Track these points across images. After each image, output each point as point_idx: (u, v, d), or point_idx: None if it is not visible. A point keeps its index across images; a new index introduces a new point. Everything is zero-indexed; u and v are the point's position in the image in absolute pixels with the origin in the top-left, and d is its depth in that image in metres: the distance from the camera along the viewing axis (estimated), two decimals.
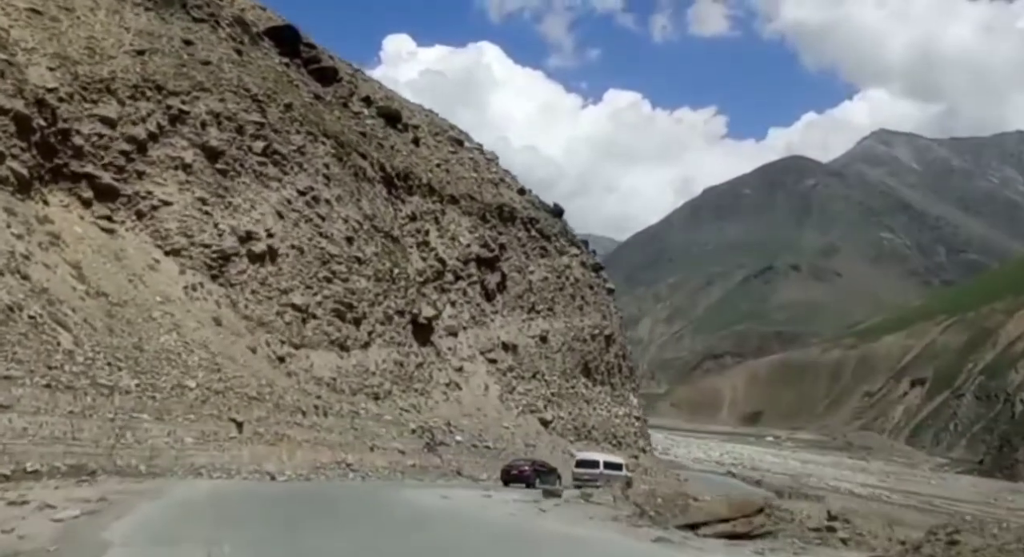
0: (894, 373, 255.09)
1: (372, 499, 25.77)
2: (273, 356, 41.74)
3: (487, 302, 55.63)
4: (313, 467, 34.89)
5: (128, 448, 28.14)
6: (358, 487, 31.69)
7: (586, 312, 62.42)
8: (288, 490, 27.52)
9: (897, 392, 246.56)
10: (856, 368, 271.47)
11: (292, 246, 45.11)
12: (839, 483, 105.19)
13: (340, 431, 38.64)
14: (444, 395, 48.91)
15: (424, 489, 32.47)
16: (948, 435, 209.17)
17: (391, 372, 46.77)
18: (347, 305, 46.03)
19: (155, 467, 28.24)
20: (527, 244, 59.98)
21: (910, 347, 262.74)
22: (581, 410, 58.16)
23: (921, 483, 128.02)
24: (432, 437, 43.77)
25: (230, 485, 26.99)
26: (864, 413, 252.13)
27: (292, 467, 33.82)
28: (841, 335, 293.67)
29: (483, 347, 53.66)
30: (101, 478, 24.97)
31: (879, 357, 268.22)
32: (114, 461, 26.86)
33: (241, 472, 31.11)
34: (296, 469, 33.72)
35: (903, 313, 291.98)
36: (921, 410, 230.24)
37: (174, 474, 28.26)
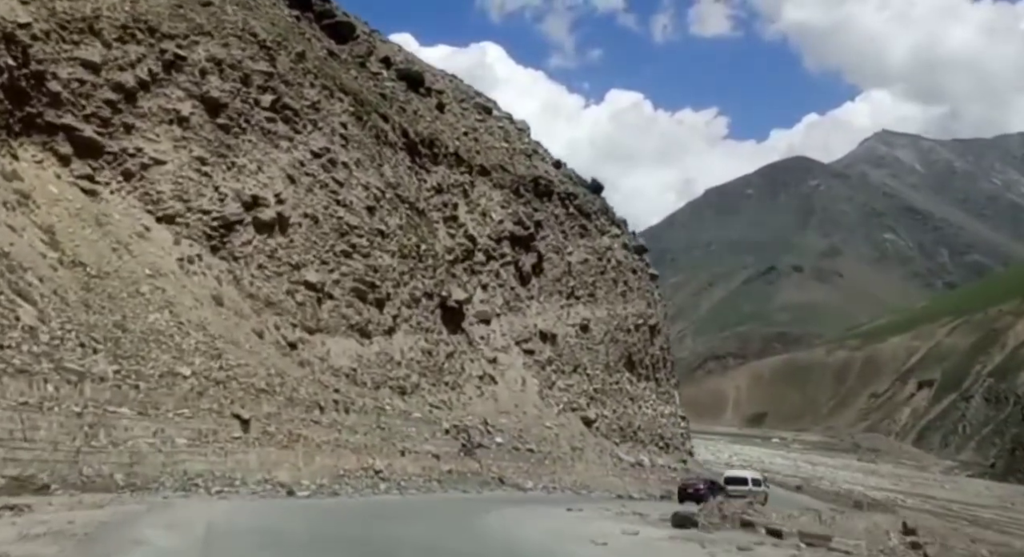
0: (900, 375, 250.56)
1: (463, 536, 17.77)
2: (283, 342, 34.83)
3: (522, 286, 48.74)
4: (335, 475, 27.98)
5: (100, 452, 21.21)
6: (409, 506, 24.38)
7: (629, 299, 55.51)
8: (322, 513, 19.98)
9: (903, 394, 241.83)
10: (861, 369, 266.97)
11: (305, 215, 38.17)
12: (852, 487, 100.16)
13: (365, 431, 31.74)
14: (478, 390, 41.99)
15: (508, 508, 25.00)
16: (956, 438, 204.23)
17: (418, 362, 39.85)
18: (368, 284, 39.09)
19: (135, 477, 21.30)
20: (565, 222, 53.04)
21: (916, 349, 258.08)
22: (626, 408, 51.30)
23: (934, 487, 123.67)
24: (469, 438, 36.89)
25: (239, 507, 19.67)
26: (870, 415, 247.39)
27: (310, 475, 26.88)
28: (846, 336, 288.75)
29: (518, 336, 46.75)
30: (56, 495, 17.98)
31: (885, 359, 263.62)
32: (79, 470, 19.92)
33: (247, 482, 24.17)
34: (315, 478, 26.80)
35: (908, 314, 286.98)
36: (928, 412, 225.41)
37: (160, 486, 21.30)
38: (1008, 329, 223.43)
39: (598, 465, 43.05)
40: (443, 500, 23.98)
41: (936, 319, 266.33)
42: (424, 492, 29.07)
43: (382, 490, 27.64)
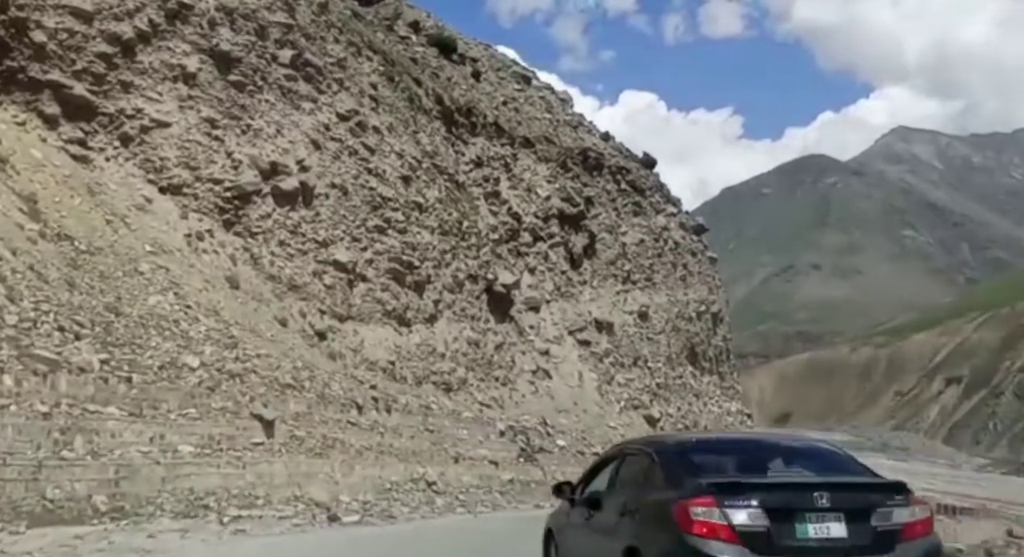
0: (927, 372, 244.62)
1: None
2: (310, 330, 29.30)
3: (573, 270, 42.97)
4: (380, 488, 22.29)
5: (76, 465, 15.58)
6: (505, 536, 17.70)
7: (690, 284, 49.65)
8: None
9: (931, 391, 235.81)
10: (887, 367, 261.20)
11: (332, 184, 32.62)
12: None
13: (411, 434, 26.06)
14: (531, 386, 36.31)
15: None
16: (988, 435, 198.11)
17: (464, 355, 34.21)
18: (406, 265, 33.49)
19: (123, 499, 15.66)
20: (617, 199, 47.22)
21: (942, 345, 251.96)
22: (691, 405, 45.44)
23: (970, 485, 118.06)
24: (528, 441, 31.18)
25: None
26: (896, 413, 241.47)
27: (350, 490, 21.18)
28: (870, 333, 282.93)
29: (572, 325, 41.00)
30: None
31: (910, 356, 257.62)
32: (41, 492, 14.27)
33: (272, 501, 18.47)
34: (357, 493, 21.11)
35: (933, 311, 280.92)
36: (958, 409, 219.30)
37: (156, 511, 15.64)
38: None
39: None
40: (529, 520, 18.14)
41: (962, 315, 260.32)
42: (492, 508, 23.35)
43: (440, 506, 21.91)
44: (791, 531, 6.44)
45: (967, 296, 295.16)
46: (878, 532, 6.58)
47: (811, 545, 6.45)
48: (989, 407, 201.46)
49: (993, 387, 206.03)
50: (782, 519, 6.42)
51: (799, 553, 6.48)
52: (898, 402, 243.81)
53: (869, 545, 6.53)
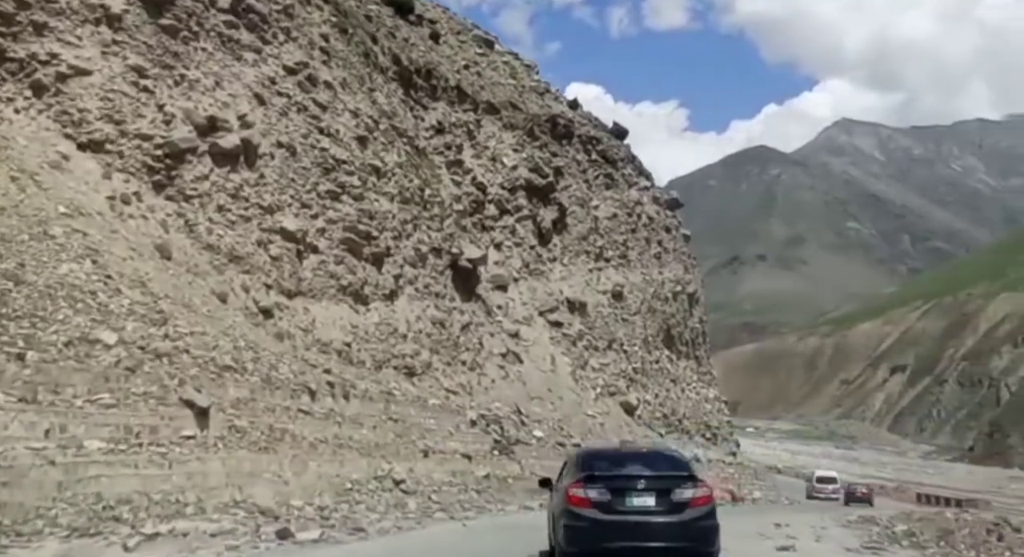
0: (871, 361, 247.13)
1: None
2: (254, 307, 25.28)
3: (542, 245, 39.35)
4: (339, 489, 18.46)
5: None
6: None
7: (665, 262, 46.24)
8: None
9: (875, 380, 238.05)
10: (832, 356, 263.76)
11: (279, 144, 28.57)
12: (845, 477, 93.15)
13: (373, 424, 22.23)
14: (501, 370, 32.64)
15: None
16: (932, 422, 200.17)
17: (429, 336, 30.40)
18: (363, 235, 29.59)
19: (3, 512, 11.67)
20: (588, 171, 43.63)
21: (887, 334, 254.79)
22: (668, 391, 42.10)
23: (919, 472, 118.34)
24: (502, 432, 27.50)
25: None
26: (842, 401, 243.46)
27: (304, 491, 17.31)
28: (815, 324, 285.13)
29: (542, 305, 37.40)
30: None
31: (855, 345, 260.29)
32: None
33: (206, 509, 14.58)
34: (311, 495, 17.26)
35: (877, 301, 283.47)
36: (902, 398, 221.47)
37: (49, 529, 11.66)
38: (979, 312, 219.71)
39: None
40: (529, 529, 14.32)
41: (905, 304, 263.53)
42: (475, 511, 19.61)
43: (414, 511, 18.14)
44: (622, 501, 11.11)
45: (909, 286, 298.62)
46: (673, 502, 11.13)
47: (633, 509, 11.09)
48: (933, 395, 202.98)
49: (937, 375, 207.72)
50: (618, 495, 11.14)
51: (626, 514, 11.06)
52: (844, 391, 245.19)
53: (667, 510, 11.09)
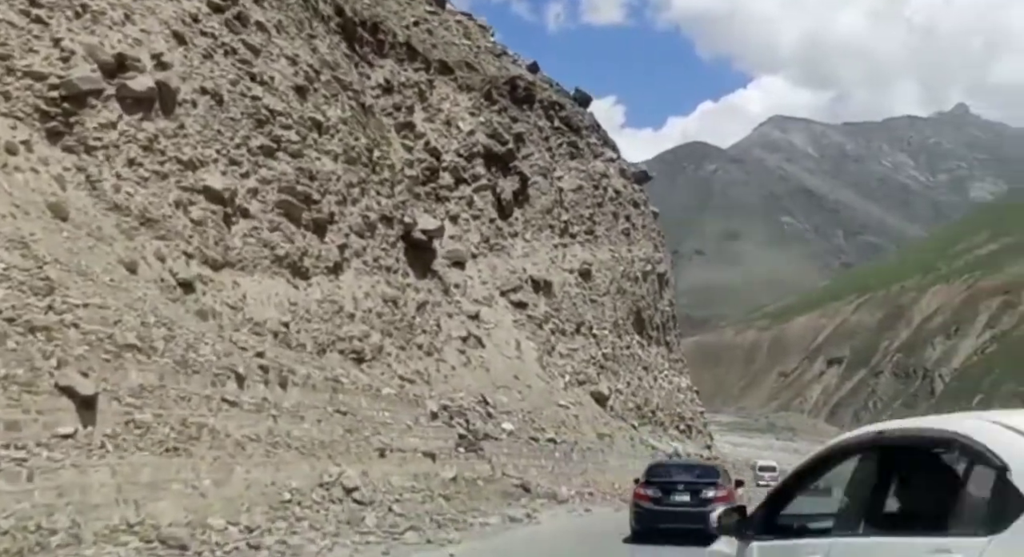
0: (808, 353, 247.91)
1: None
2: (171, 279, 20.75)
3: (502, 219, 35.13)
4: (275, 501, 14.04)
5: None
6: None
7: (634, 239, 42.24)
8: None
9: (812, 372, 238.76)
10: (770, 349, 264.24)
11: (202, 90, 23.98)
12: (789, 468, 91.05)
13: (317, 417, 17.82)
14: (462, 356, 28.40)
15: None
16: (868, 413, 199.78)
17: (380, 316, 26.04)
18: (303, 198, 25.12)
19: None
20: (551, 138, 39.46)
21: (823, 327, 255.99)
22: (641, 380, 38.20)
23: None
24: (468, 426, 23.27)
25: None
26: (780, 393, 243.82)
27: (226, 508, 12.88)
28: (753, 317, 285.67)
29: (504, 284, 33.20)
30: None
31: (793, 338, 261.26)
32: None
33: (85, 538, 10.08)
34: (237, 513, 12.84)
35: (813, 294, 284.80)
36: (839, 389, 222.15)
37: None
38: (913, 305, 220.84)
39: (632, 458, 29.95)
40: None
41: (840, 298, 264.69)
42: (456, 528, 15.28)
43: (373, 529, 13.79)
44: (668, 498, 16.48)
45: (844, 279, 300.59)
46: (702, 499, 16.04)
47: (675, 502, 16.39)
48: (869, 386, 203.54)
49: (872, 367, 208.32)
50: (665, 493, 16.57)
51: (670, 505, 16.34)
52: (781, 383, 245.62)
53: (697, 504, 15.83)
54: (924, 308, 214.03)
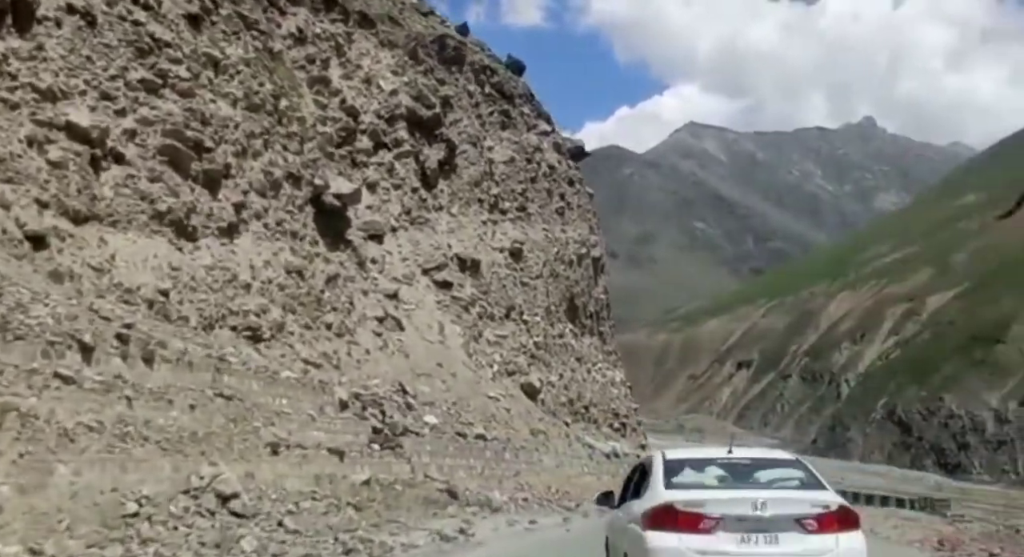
0: (718, 356, 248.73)
1: None
2: (16, 231, 16.43)
3: (427, 189, 31.09)
4: (112, 516, 9.84)
5: None
6: None
7: (568, 220, 38.45)
8: None
9: (722, 374, 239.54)
10: (681, 352, 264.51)
11: (69, 8, 19.63)
12: None
13: (192, 402, 13.63)
14: (377, 338, 24.35)
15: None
16: (775, 416, 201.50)
17: (282, 288, 21.85)
18: (193, 144, 20.80)
19: None
20: (481, 105, 35.52)
21: (733, 331, 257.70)
22: (574, 372, 34.49)
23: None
24: (384, 418, 19.26)
25: None
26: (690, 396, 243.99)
27: (36, 527, 8.65)
28: (664, 320, 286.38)
29: (427, 261, 29.17)
30: None
31: (703, 341, 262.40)
32: None
33: None
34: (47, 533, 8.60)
35: (724, 298, 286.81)
36: (748, 392, 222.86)
37: None
38: (820, 310, 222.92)
39: (570, 457, 26.23)
40: None
41: (750, 302, 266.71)
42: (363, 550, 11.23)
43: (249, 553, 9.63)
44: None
45: (754, 284, 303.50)
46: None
47: None
48: (777, 390, 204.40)
49: (780, 371, 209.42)
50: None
51: None
52: (691, 385, 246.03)
53: None
54: (831, 314, 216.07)
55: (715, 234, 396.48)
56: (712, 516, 6.48)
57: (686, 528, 6.47)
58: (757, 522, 6.47)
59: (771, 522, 6.48)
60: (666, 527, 6.55)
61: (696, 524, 6.46)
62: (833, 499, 6.83)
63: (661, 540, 6.51)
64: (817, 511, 6.62)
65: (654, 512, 6.71)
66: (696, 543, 6.40)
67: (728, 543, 6.43)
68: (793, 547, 6.45)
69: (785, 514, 6.53)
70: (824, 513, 6.62)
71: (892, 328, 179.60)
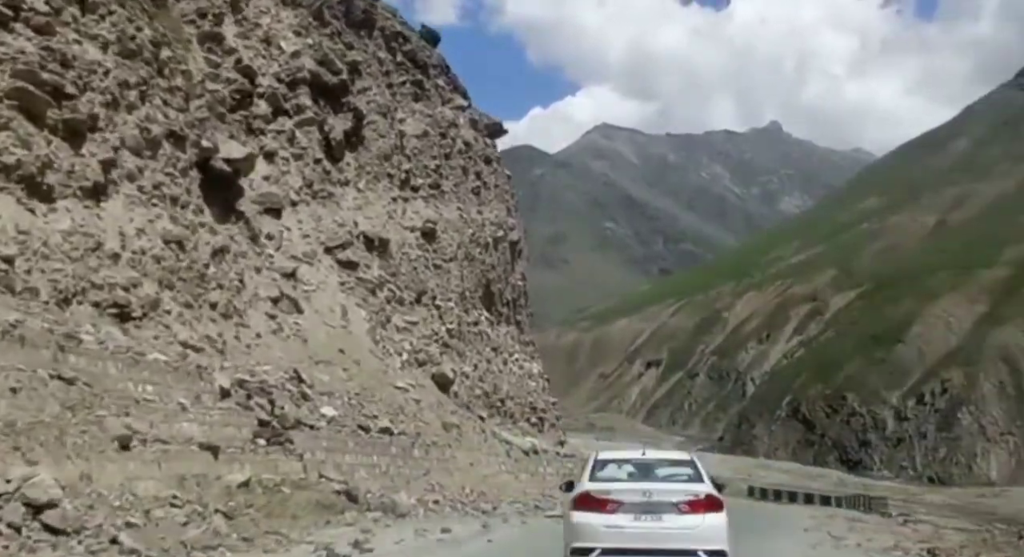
0: (628, 355, 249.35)
1: None
2: None
3: (331, 162, 28.18)
4: None
5: None
6: None
7: (485, 200, 35.73)
8: None
9: (631, 373, 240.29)
10: (591, 351, 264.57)
11: None
12: None
13: (17, 385, 10.66)
14: (271, 321, 21.42)
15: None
16: (683, 414, 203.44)
17: (158, 260, 18.77)
18: (52, 90, 17.60)
19: None
20: (392, 74, 32.66)
21: (642, 330, 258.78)
22: (489, 363, 31.88)
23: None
24: (272, 409, 16.41)
25: None
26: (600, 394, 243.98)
27: None
28: (576, 319, 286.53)
29: (330, 239, 26.29)
30: None
31: (613, 340, 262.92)
32: None
33: None
34: None
35: (634, 298, 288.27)
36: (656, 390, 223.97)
37: None
38: (727, 310, 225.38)
39: (486, 455, 23.60)
40: None
41: (660, 302, 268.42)
42: None
43: None
44: None
45: (663, 285, 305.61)
46: None
47: None
48: (685, 388, 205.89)
49: (688, 369, 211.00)
50: None
51: None
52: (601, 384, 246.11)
53: None
54: (738, 314, 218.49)
55: (626, 235, 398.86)
56: (616, 501, 8.84)
57: (598, 509, 8.84)
58: (647, 506, 8.77)
59: (657, 506, 8.78)
60: (585, 508, 8.97)
61: (604, 506, 8.80)
62: (704, 490, 9.02)
63: (581, 517, 8.96)
64: (690, 498, 8.83)
65: (578, 498, 9.14)
66: (603, 520, 8.76)
67: (626, 520, 8.72)
68: (671, 523, 8.70)
69: (667, 500, 8.82)
70: (695, 499, 8.84)
71: (796, 328, 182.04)
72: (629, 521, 8.74)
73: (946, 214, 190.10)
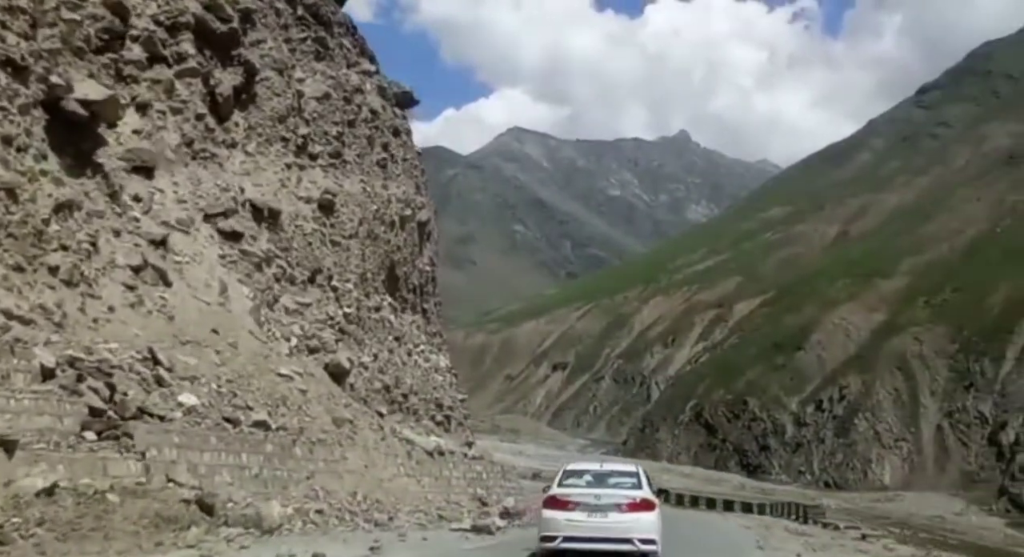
0: (534, 358, 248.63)
1: None
2: None
3: (216, 120, 24.47)
4: None
5: None
6: None
7: (392, 174, 32.14)
8: None
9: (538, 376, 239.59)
10: (498, 353, 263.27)
11: None
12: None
13: None
14: (130, 293, 17.73)
15: None
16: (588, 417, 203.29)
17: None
18: None
19: None
20: (291, 28, 28.95)
21: (549, 333, 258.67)
22: (392, 354, 28.42)
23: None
24: (111, 395, 12.84)
25: None
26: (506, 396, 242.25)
27: None
28: (483, 320, 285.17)
29: (210, 205, 22.60)
30: None
31: (520, 342, 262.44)
32: None
33: None
34: None
35: (541, 300, 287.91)
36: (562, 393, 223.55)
37: None
38: (634, 314, 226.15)
39: (383, 455, 20.21)
40: None
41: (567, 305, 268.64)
42: None
43: None
44: None
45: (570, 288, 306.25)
46: None
47: None
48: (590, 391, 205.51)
49: (594, 373, 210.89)
50: None
51: None
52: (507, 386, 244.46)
53: None
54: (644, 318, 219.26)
55: (534, 238, 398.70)
56: (575, 502, 12.27)
57: (561, 508, 12.30)
58: (596, 506, 12.15)
59: (604, 507, 12.17)
60: (552, 507, 12.47)
61: (566, 506, 12.26)
62: (640, 495, 12.46)
63: (549, 514, 12.47)
64: (629, 501, 12.24)
65: (547, 499, 12.72)
66: (565, 516, 12.14)
67: (581, 516, 12.08)
68: (614, 519, 12.00)
69: (611, 502, 12.25)
70: (633, 502, 12.23)
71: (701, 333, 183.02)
72: (584, 517, 12.07)
73: (848, 225, 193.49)
